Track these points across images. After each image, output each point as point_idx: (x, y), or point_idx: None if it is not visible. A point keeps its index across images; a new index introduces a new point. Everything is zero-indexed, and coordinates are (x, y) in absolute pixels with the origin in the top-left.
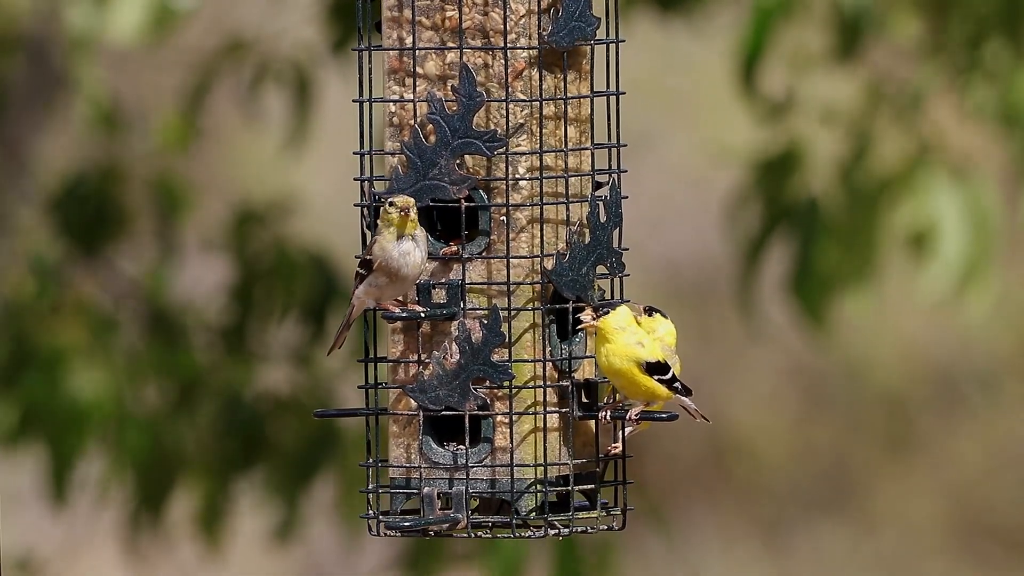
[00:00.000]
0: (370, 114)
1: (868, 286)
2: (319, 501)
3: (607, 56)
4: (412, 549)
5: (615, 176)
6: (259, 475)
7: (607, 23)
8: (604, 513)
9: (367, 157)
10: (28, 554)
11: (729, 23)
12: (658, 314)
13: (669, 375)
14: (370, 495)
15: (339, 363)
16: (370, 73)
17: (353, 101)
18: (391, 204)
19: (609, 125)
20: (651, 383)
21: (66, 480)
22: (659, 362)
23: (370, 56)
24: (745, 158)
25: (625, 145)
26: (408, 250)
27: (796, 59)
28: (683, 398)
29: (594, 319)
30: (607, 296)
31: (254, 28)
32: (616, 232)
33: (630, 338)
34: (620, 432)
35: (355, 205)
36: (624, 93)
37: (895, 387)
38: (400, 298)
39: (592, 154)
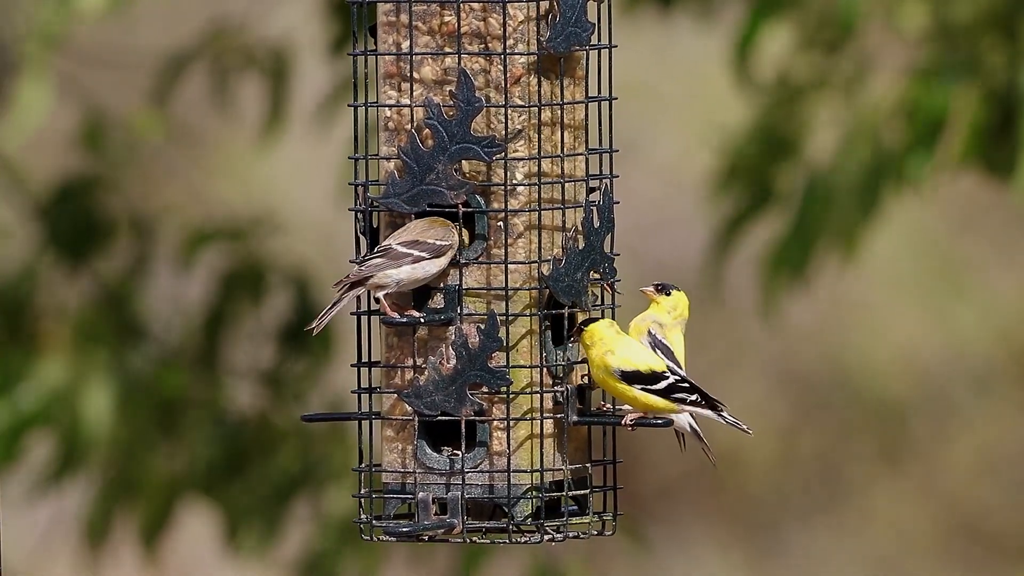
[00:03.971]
0: (365, 118)
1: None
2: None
3: (599, 61)
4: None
5: (607, 181)
6: (239, 492)
7: (600, 28)
8: (595, 518)
9: (362, 162)
10: None
11: (729, 16)
12: (674, 291)
13: (661, 385)
14: (362, 500)
15: (310, 377)
16: (365, 78)
17: (348, 106)
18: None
19: (601, 130)
20: (633, 393)
21: None
22: (636, 371)
23: (365, 61)
24: (736, 138)
25: (617, 151)
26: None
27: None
28: (692, 410)
29: (580, 331)
30: (600, 301)
31: (238, 20)
32: (608, 237)
33: (600, 348)
34: (612, 438)
35: (349, 210)
36: (617, 98)
37: (886, 393)
38: (396, 302)
39: (587, 159)
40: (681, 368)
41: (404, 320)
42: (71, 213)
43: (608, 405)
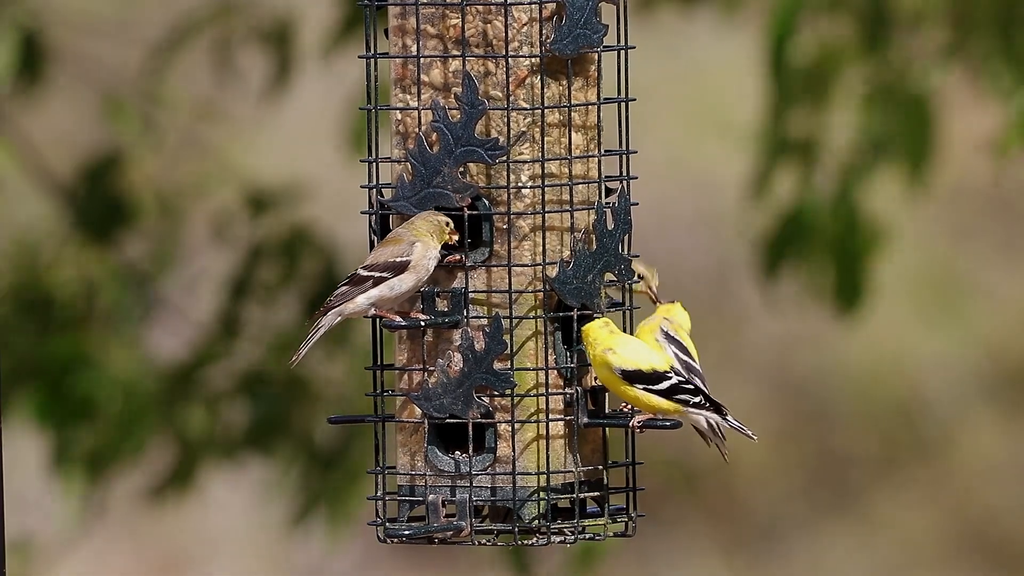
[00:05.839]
0: (376, 119)
1: None
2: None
3: (617, 62)
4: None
5: (624, 183)
6: (273, 460)
7: (617, 30)
8: (612, 520)
9: (374, 165)
10: (27, 540)
11: (754, 13)
12: (668, 303)
13: (663, 385)
14: (377, 502)
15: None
16: (376, 80)
17: (360, 109)
18: (447, 223)
19: (619, 131)
20: (635, 393)
21: (70, 460)
22: (638, 370)
23: (376, 63)
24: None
25: (635, 152)
26: (435, 258)
27: (825, 46)
28: (696, 413)
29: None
30: (622, 303)
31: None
32: (625, 239)
33: (599, 348)
34: (631, 439)
35: (362, 212)
36: (634, 100)
37: (887, 398)
38: (395, 308)
39: (600, 161)
40: (696, 362)
41: (405, 324)
42: (97, 192)
43: (628, 407)
